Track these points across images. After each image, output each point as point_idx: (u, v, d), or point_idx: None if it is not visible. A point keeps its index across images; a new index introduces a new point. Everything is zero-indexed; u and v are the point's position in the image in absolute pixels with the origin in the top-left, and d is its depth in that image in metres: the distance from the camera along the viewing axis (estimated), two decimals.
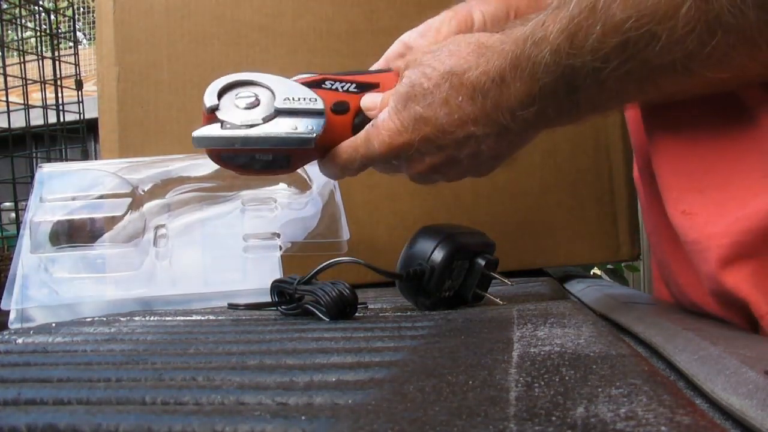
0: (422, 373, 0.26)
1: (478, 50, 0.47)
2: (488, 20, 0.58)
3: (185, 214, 0.68)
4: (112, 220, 0.67)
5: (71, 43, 1.60)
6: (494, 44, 0.46)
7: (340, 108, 0.53)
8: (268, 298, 0.54)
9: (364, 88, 0.55)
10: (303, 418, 0.20)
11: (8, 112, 1.35)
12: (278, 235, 0.68)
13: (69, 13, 1.79)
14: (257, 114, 0.50)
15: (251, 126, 0.50)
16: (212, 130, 0.50)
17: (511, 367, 0.26)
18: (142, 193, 0.67)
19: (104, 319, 0.53)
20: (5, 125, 1.35)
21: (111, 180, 0.68)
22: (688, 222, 0.45)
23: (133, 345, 0.38)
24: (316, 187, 0.72)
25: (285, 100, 0.50)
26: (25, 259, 0.63)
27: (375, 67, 0.61)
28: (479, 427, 0.18)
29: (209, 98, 0.51)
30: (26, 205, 0.68)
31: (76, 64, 1.50)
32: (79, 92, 1.48)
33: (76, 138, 1.51)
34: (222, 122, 0.50)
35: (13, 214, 1.39)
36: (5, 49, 1.39)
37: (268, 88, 0.51)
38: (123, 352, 0.36)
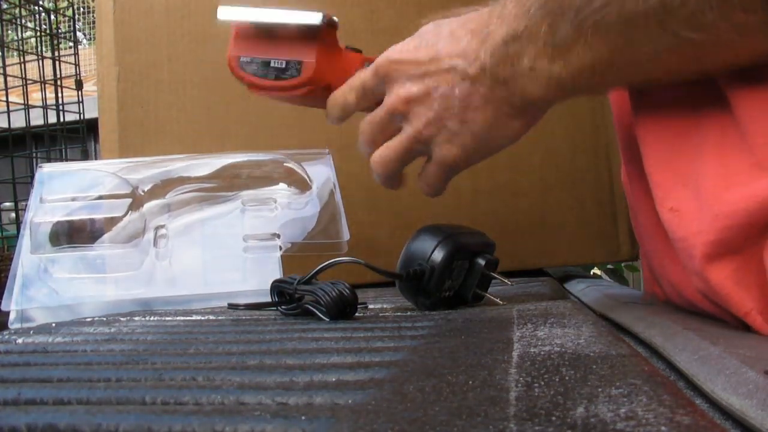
0: (422, 373, 0.26)
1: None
2: None
3: (185, 214, 0.68)
4: (112, 221, 0.67)
5: (71, 43, 1.60)
6: None
7: (353, 48, 0.58)
8: (268, 299, 0.54)
9: None
10: (303, 418, 0.20)
11: (8, 112, 1.35)
12: (278, 236, 0.68)
13: (69, 13, 1.80)
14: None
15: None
16: (237, 9, 0.57)
17: (511, 367, 0.26)
18: (142, 193, 0.67)
19: (104, 319, 0.53)
20: (5, 125, 1.35)
21: (111, 180, 0.67)
22: (676, 219, 0.45)
23: (133, 345, 0.38)
24: (315, 187, 0.72)
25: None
26: (25, 260, 0.63)
27: None
28: (479, 427, 0.18)
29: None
30: (26, 205, 0.68)
31: (76, 64, 1.50)
32: (79, 92, 1.48)
33: (76, 138, 1.51)
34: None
35: (13, 214, 1.39)
36: (5, 49, 1.39)
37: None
38: (123, 352, 0.36)
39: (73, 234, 0.66)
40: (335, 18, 0.57)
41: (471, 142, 0.51)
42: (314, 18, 0.56)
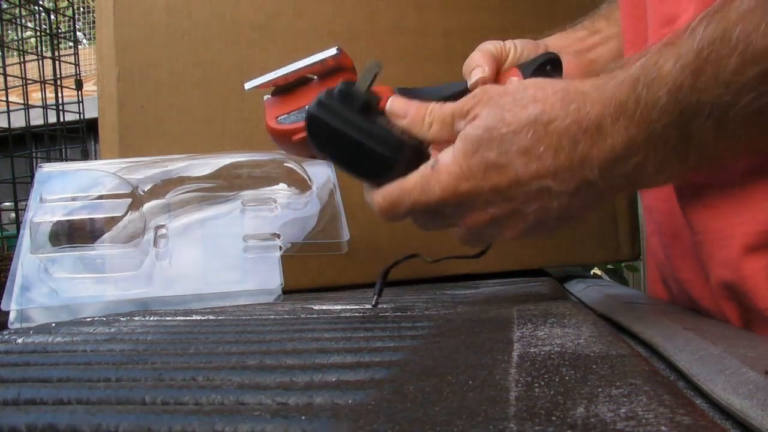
0: (422, 373, 0.26)
1: (568, 97, 0.43)
2: (520, 52, 0.57)
3: (185, 214, 0.68)
4: (112, 220, 0.67)
5: (71, 43, 1.60)
6: (589, 90, 0.42)
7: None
8: (268, 298, 0.54)
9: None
10: (303, 418, 0.20)
11: (8, 112, 1.35)
12: (278, 236, 0.68)
13: (69, 13, 1.79)
14: None
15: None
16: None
17: (511, 367, 0.26)
18: (142, 193, 0.67)
19: (104, 319, 0.53)
20: (5, 125, 1.35)
21: (111, 180, 0.68)
22: (711, 212, 0.45)
23: (133, 345, 0.38)
24: (315, 188, 0.72)
25: None
26: (25, 260, 0.63)
27: (473, 65, 0.58)
28: (479, 427, 0.18)
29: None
30: (26, 205, 0.68)
31: (76, 64, 1.50)
32: (79, 92, 1.48)
33: (76, 138, 1.51)
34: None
35: (13, 214, 1.39)
36: (5, 49, 1.39)
37: None
38: (123, 352, 0.36)
39: (73, 234, 0.66)
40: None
41: (565, 226, 0.47)
42: (330, 51, 0.54)
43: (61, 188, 0.67)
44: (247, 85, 0.55)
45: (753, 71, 0.35)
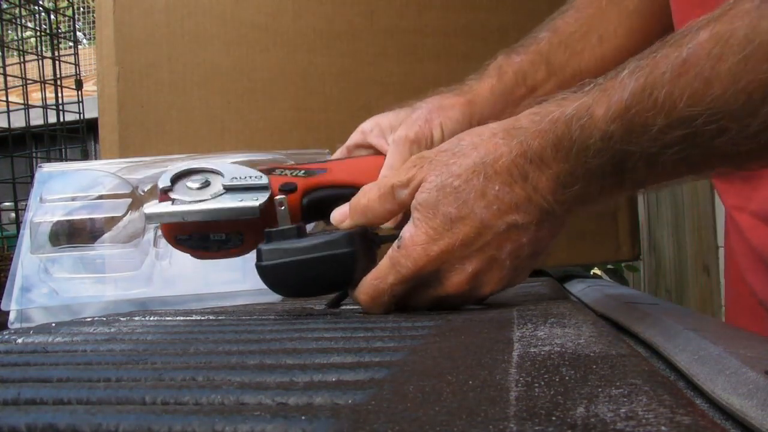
0: (422, 373, 0.26)
1: (507, 134, 0.45)
2: (447, 136, 0.56)
3: None
4: (112, 220, 0.67)
5: (71, 43, 1.60)
6: (527, 125, 0.44)
7: (287, 188, 0.54)
8: (267, 298, 0.54)
9: (313, 173, 0.56)
10: (303, 418, 0.20)
11: (8, 111, 1.35)
12: None
13: (69, 13, 1.80)
14: (206, 193, 0.53)
15: (200, 201, 0.52)
16: (163, 207, 0.52)
17: (511, 367, 0.26)
18: (142, 194, 0.67)
19: (104, 319, 0.53)
20: (5, 125, 1.35)
21: (111, 180, 0.67)
22: None
23: (133, 345, 0.38)
24: None
25: (232, 179, 0.53)
26: (25, 260, 0.63)
27: (336, 155, 0.62)
28: (479, 427, 0.18)
29: (163, 181, 0.53)
30: (26, 205, 0.68)
31: (76, 64, 1.50)
32: (79, 92, 1.48)
33: (76, 138, 1.51)
34: (174, 200, 0.53)
35: (13, 214, 1.39)
36: (5, 49, 1.39)
37: (218, 172, 0.54)
38: (123, 352, 0.36)
39: (73, 234, 0.66)
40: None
41: (524, 274, 0.49)
42: (251, 211, 0.52)
43: (61, 188, 0.67)
44: (147, 210, 0.52)
45: (677, 132, 0.37)
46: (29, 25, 1.64)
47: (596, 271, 1.78)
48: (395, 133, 0.58)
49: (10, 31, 1.87)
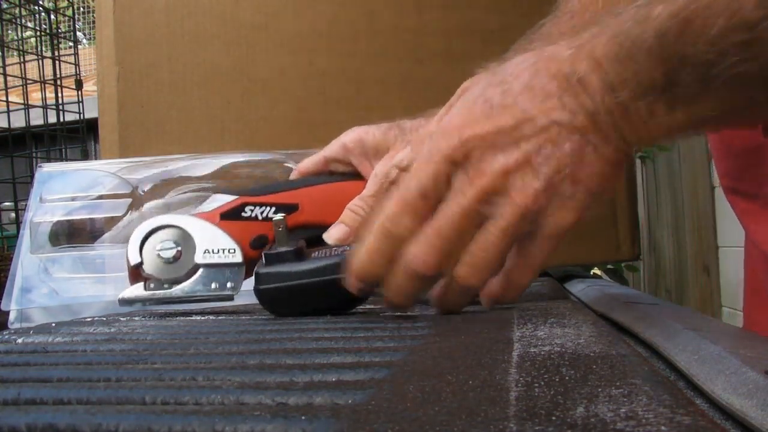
0: (422, 373, 0.26)
1: (570, 40, 0.42)
2: None
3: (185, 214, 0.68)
4: (112, 220, 0.67)
5: (71, 43, 1.60)
6: (582, 29, 0.42)
7: (258, 243, 0.55)
8: None
9: (284, 211, 0.55)
10: (303, 418, 0.20)
11: (8, 111, 1.35)
12: None
13: (69, 13, 1.79)
14: (179, 269, 0.53)
15: (173, 282, 0.53)
16: (137, 291, 0.54)
17: (511, 367, 0.26)
18: (142, 194, 0.67)
19: (104, 319, 0.53)
20: (5, 125, 1.35)
21: (111, 180, 0.67)
22: None
23: (133, 345, 0.38)
24: None
25: (205, 253, 0.53)
26: (25, 260, 0.63)
27: (312, 162, 0.60)
28: (479, 427, 0.18)
29: (132, 255, 0.54)
30: (26, 205, 0.68)
31: (76, 64, 1.50)
32: (79, 92, 1.48)
33: (76, 138, 1.51)
34: (146, 281, 0.54)
35: (13, 214, 1.39)
36: (5, 49, 1.39)
37: (190, 237, 0.54)
38: (123, 352, 0.36)
39: (73, 234, 0.66)
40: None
41: (587, 201, 0.43)
42: (227, 297, 0.53)
43: (61, 188, 0.67)
44: (122, 296, 0.54)
45: (738, 37, 0.35)
46: (29, 25, 1.64)
47: (596, 271, 1.78)
48: (378, 164, 0.56)
49: (10, 31, 1.87)
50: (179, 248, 0.53)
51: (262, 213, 0.55)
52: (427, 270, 0.42)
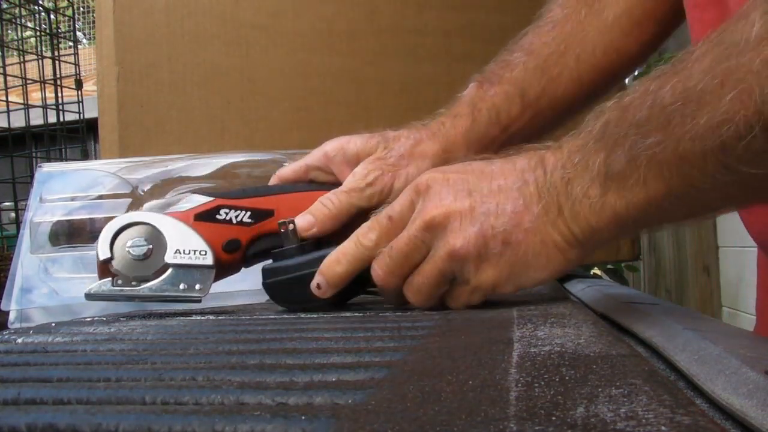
0: (422, 373, 0.26)
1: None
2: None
3: None
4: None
5: (71, 43, 1.60)
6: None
7: (231, 247, 0.55)
8: (266, 298, 0.55)
9: (259, 216, 0.56)
10: (303, 418, 0.20)
11: (8, 111, 1.35)
12: None
13: (69, 12, 1.79)
14: (148, 267, 0.53)
15: (141, 280, 0.52)
16: (104, 286, 0.53)
17: (511, 367, 0.26)
18: (142, 194, 0.67)
19: (104, 319, 0.53)
20: (5, 125, 1.35)
21: (111, 180, 0.67)
22: None
23: (133, 345, 0.38)
24: None
25: (176, 253, 0.53)
26: (25, 260, 0.63)
27: (293, 169, 0.60)
28: (479, 427, 0.18)
29: (102, 250, 0.53)
30: (26, 205, 0.68)
31: (76, 64, 1.50)
32: (79, 92, 1.48)
33: (76, 138, 1.51)
34: (114, 277, 0.53)
35: (13, 214, 1.39)
36: (5, 48, 1.39)
37: (161, 236, 0.53)
38: (123, 352, 0.36)
39: (73, 234, 0.66)
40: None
41: (515, 270, 0.46)
42: (194, 299, 0.54)
43: (61, 188, 0.67)
44: (87, 289, 0.53)
45: (658, 118, 0.39)
46: (29, 25, 1.64)
47: (596, 271, 1.78)
48: (360, 165, 0.57)
49: (10, 31, 1.87)
50: (150, 246, 0.52)
51: (236, 216, 0.55)
52: (379, 281, 0.49)
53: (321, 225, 0.55)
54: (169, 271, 0.52)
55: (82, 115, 1.50)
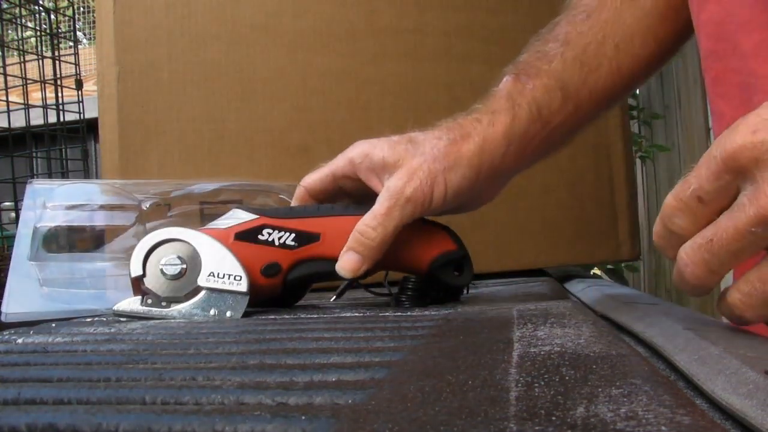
0: (422, 373, 0.26)
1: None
2: (450, 198, 0.54)
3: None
4: (113, 232, 0.67)
5: (71, 43, 1.60)
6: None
7: (270, 272, 0.52)
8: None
9: (304, 239, 0.53)
10: (303, 418, 0.20)
11: (8, 111, 1.35)
12: None
13: (69, 12, 1.79)
14: (180, 288, 0.50)
15: (172, 301, 0.50)
16: (133, 304, 0.51)
17: (511, 367, 0.26)
18: (145, 209, 0.67)
19: (104, 319, 0.53)
20: (5, 125, 1.35)
21: (112, 192, 0.68)
22: None
23: (133, 345, 0.38)
24: None
25: (209, 276, 0.50)
26: (20, 267, 0.62)
27: (319, 177, 0.57)
28: (479, 427, 0.18)
29: (135, 267, 0.51)
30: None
31: (76, 64, 1.50)
32: (79, 92, 1.48)
33: (76, 138, 1.51)
34: (144, 295, 0.51)
35: (13, 214, 1.39)
36: (5, 48, 1.39)
37: (197, 253, 0.51)
38: (123, 352, 0.36)
39: (71, 242, 0.66)
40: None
41: None
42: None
43: (58, 198, 0.67)
44: (117, 307, 0.51)
45: None
46: (29, 25, 1.64)
47: (596, 271, 1.78)
48: (390, 179, 0.53)
49: (10, 31, 1.87)
50: (184, 266, 0.50)
51: (280, 238, 0.52)
52: (693, 280, 0.37)
53: (369, 261, 0.52)
54: (202, 293, 0.50)
55: (82, 115, 1.50)
